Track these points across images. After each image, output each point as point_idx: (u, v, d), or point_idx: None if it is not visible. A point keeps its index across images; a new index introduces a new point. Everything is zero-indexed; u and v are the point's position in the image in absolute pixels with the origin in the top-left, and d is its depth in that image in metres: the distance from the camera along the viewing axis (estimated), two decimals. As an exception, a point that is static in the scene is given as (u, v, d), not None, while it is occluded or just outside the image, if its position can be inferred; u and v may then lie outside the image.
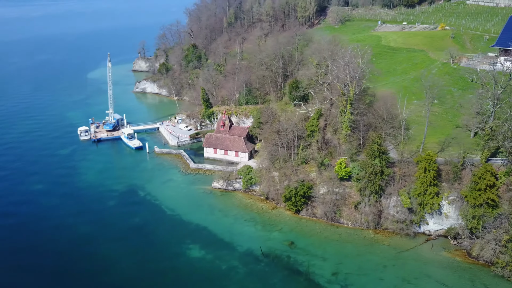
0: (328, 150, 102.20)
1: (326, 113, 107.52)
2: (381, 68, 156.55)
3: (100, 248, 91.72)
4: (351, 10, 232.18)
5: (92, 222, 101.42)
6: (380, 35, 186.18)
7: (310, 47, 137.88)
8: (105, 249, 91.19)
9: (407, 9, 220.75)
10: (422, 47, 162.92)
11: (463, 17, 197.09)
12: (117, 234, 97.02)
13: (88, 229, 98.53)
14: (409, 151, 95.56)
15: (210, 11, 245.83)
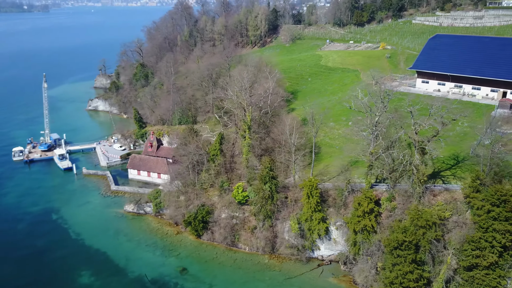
0: (229, 175, 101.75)
1: (234, 137, 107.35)
2: (315, 88, 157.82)
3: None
4: (303, 29, 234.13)
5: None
6: (322, 54, 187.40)
7: (233, 70, 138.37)
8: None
9: (357, 27, 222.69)
10: (357, 67, 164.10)
11: (406, 36, 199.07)
12: (13, 257, 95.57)
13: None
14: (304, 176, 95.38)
15: (167, 29, 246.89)
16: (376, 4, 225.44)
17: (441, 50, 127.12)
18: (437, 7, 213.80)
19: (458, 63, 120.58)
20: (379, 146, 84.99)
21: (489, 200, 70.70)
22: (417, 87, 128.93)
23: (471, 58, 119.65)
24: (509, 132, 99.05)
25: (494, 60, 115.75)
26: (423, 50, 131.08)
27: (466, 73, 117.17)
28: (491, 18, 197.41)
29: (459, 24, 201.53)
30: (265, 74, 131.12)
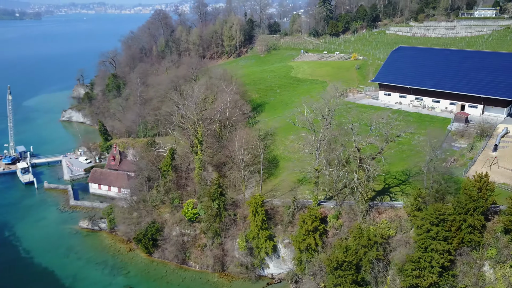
0: (182, 191, 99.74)
1: (187, 152, 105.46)
2: (282, 100, 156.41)
3: None
4: (279, 39, 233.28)
5: None
6: (294, 65, 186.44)
7: (197, 83, 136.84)
8: None
9: (332, 38, 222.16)
10: (325, 78, 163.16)
11: (379, 46, 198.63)
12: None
13: None
14: (255, 192, 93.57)
15: (144, 39, 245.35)
16: (351, 14, 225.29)
17: (403, 62, 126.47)
18: (411, 18, 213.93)
19: (419, 76, 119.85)
20: (322, 162, 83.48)
21: (428, 219, 69.21)
22: (379, 100, 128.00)
23: (432, 71, 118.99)
24: (463, 146, 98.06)
25: (453, 73, 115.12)
26: (386, 62, 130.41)
27: (426, 86, 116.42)
28: (462, 29, 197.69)
29: (432, 34, 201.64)
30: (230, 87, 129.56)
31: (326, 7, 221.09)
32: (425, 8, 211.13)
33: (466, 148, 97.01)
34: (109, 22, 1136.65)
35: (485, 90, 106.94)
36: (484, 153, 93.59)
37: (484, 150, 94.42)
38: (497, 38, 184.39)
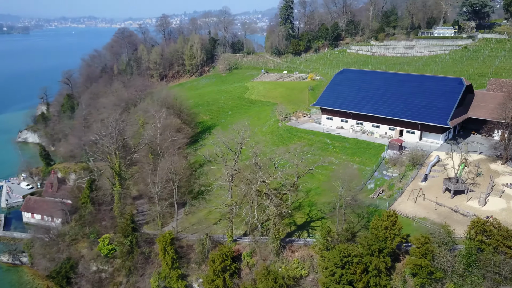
0: (101, 224, 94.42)
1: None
2: (232, 122, 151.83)
3: None
4: (242, 57, 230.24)
5: None
6: (251, 85, 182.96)
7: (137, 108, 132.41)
8: None
9: (294, 56, 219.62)
10: (278, 100, 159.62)
11: (338, 66, 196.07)
12: None
13: None
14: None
15: (107, 57, 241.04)
16: (313, 33, 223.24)
17: (345, 85, 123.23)
18: (372, 37, 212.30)
19: (358, 100, 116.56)
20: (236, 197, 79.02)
21: (333, 260, 64.81)
22: (322, 124, 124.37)
23: (370, 94, 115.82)
24: (394, 175, 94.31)
25: (391, 97, 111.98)
26: (328, 85, 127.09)
27: (364, 111, 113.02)
28: (421, 48, 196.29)
29: (391, 53, 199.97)
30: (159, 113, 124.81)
31: (287, 26, 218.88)
32: (386, 27, 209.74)
33: (397, 177, 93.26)
34: (97, 36, 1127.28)
35: (421, 116, 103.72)
36: (414, 183, 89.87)
37: (414, 180, 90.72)
38: (454, 57, 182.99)
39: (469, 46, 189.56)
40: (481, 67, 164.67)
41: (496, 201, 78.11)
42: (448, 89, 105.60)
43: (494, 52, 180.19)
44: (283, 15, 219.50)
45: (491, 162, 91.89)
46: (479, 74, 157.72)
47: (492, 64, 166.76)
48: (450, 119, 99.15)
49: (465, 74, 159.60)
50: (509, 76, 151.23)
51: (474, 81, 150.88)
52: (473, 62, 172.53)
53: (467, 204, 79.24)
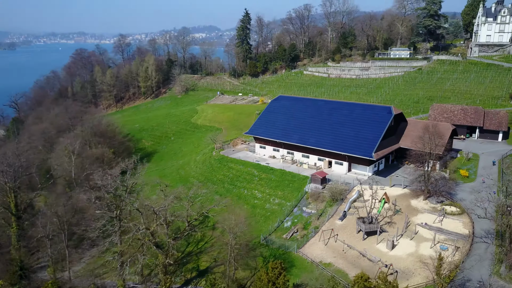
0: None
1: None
2: (173, 149, 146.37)
3: None
4: (200, 79, 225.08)
5: None
6: (200, 109, 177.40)
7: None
8: None
9: (251, 78, 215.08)
10: (224, 125, 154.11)
11: (293, 88, 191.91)
12: None
13: None
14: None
15: (63, 79, 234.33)
16: (270, 54, 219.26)
17: (278, 113, 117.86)
18: (329, 58, 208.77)
19: (289, 129, 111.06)
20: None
21: (211, 320, 58.11)
22: (256, 153, 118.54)
23: (302, 123, 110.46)
24: (313, 212, 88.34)
25: (320, 126, 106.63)
26: (263, 113, 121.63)
27: (293, 141, 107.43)
28: (376, 70, 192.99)
29: (347, 75, 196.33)
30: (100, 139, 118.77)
31: (244, 47, 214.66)
32: (343, 48, 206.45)
33: (316, 214, 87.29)
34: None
35: (347, 147, 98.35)
36: (331, 221, 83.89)
37: (332, 218, 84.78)
38: (407, 79, 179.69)
39: (424, 68, 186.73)
40: (432, 90, 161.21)
41: (406, 244, 72.30)
42: (376, 118, 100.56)
43: (447, 74, 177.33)
44: (240, 36, 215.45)
45: (414, 198, 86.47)
46: (428, 97, 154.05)
47: (443, 87, 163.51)
48: (375, 151, 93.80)
49: (414, 97, 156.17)
50: (456, 100, 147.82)
51: (422, 104, 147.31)
52: (425, 85, 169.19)
53: (376, 247, 73.32)
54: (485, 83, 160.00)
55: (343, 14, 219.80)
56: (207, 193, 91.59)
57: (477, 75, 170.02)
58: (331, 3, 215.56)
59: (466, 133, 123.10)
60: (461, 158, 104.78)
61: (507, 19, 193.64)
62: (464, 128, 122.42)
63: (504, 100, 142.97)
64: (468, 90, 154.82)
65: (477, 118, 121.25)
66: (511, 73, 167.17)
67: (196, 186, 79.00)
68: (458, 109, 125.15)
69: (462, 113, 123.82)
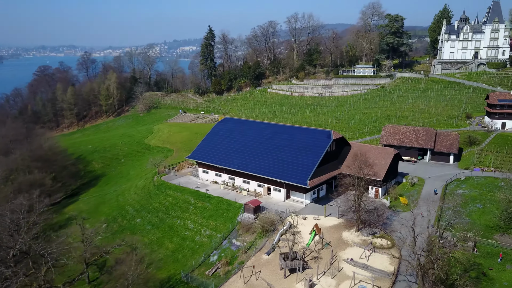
0: None
1: None
2: (121, 172, 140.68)
3: None
4: (164, 96, 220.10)
5: None
6: (157, 128, 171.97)
7: None
8: None
9: (216, 96, 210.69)
10: (177, 146, 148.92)
11: (254, 106, 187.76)
12: None
13: None
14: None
15: (25, 96, 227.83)
16: (235, 71, 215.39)
17: (222, 136, 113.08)
18: (293, 75, 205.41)
19: (231, 153, 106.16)
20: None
21: None
22: (199, 177, 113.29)
23: (243, 147, 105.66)
24: (242, 245, 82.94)
25: (260, 151, 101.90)
26: (207, 136, 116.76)
27: (233, 166, 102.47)
28: (339, 87, 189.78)
29: (310, 93, 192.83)
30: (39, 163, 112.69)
31: (208, 64, 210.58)
32: (307, 65, 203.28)
33: (244, 247, 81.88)
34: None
35: (283, 173, 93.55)
36: (258, 255, 78.51)
37: (259, 251, 79.43)
38: (369, 98, 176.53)
39: (386, 86, 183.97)
40: (391, 109, 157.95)
41: (326, 283, 67.11)
42: (315, 143, 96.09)
43: (408, 92, 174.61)
44: (204, 53, 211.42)
45: (346, 229, 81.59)
46: (387, 116, 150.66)
47: (402, 105, 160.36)
48: (310, 178, 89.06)
49: (373, 116, 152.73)
50: (414, 119, 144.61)
51: (380, 124, 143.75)
52: (385, 103, 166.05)
53: (296, 286, 68.07)
54: (444, 102, 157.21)
55: (308, 30, 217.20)
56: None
57: (437, 93, 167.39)
58: (296, 20, 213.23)
59: (418, 155, 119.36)
60: (406, 183, 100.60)
61: (469, 37, 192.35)
62: (416, 150, 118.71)
63: (460, 120, 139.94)
64: (427, 109, 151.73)
65: (428, 140, 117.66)
66: (471, 91, 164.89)
67: (101, 223, 73.28)
68: (410, 131, 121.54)
69: (414, 134, 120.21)
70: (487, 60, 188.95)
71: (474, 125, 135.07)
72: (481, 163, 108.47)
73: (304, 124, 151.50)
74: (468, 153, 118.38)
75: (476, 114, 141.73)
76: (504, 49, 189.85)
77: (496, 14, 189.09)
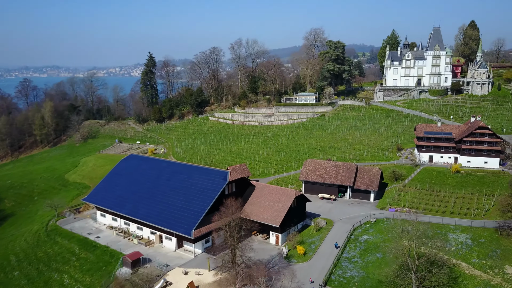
0: None
1: None
2: (28, 212, 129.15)
3: None
4: (104, 125, 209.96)
5: None
6: (83, 161, 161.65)
7: None
8: None
9: (157, 124, 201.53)
10: (95, 182, 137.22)
11: (192, 136, 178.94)
12: None
13: None
14: None
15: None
16: (176, 99, 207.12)
17: (122, 176, 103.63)
18: (236, 103, 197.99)
19: (127, 196, 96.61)
20: None
21: None
22: (98, 221, 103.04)
23: (139, 189, 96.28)
24: (110, 307, 72.53)
25: (154, 195, 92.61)
26: (108, 175, 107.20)
27: (124, 211, 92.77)
28: (280, 116, 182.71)
29: (250, 121, 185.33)
30: None
31: (148, 91, 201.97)
32: (250, 93, 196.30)
33: (112, 309, 71.65)
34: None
35: (173, 220, 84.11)
36: (124, 320, 68.40)
37: (127, 316, 69.32)
38: (307, 127, 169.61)
39: (327, 114, 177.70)
40: (325, 139, 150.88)
41: None
42: (210, 185, 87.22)
43: (347, 121, 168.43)
44: (144, 80, 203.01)
45: (227, 286, 72.18)
46: (319, 148, 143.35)
47: (338, 135, 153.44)
48: (197, 227, 79.83)
49: (305, 148, 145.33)
50: (345, 151, 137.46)
51: (310, 156, 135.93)
52: (321, 133, 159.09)
53: None
54: (379, 132, 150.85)
55: (253, 57, 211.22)
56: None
57: (374, 123, 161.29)
58: (240, 45, 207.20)
59: (339, 192, 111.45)
60: (312, 227, 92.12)
61: (411, 63, 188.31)
62: (336, 187, 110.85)
63: (391, 152, 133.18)
64: (361, 140, 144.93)
65: (348, 176, 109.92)
66: (408, 120, 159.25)
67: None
68: (330, 166, 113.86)
69: (335, 170, 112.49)
70: (429, 87, 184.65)
71: (404, 158, 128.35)
72: (399, 202, 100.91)
73: (235, 156, 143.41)
74: (391, 189, 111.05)
75: (408, 145, 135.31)
76: (447, 76, 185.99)
77: (436, 40, 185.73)
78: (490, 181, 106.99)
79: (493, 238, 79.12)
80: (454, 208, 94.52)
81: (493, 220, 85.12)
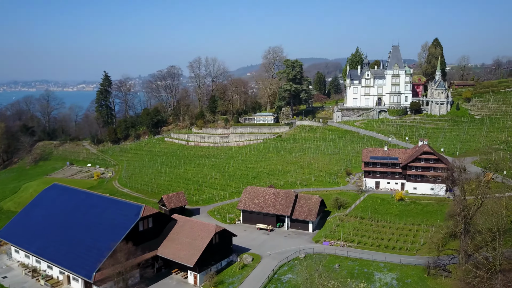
0: None
1: None
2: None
3: None
4: (58, 146, 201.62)
5: None
6: (25, 186, 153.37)
7: None
8: None
9: (112, 145, 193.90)
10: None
11: (144, 157, 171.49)
12: None
13: None
14: None
15: None
16: (132, 119, 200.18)
17: (41, 208, 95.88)
18: (194, 123, 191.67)
19: (39, 231, 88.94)
20: None
21: None
22: (13, 257, 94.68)
23: (51, 224, 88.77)
24: None
25: (67, 230, 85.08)
26: (27, 206, 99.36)
27: (32, 250, 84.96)
28: (236, 137, 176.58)
29: (206, 142, 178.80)
30: None
31: (103, 111, 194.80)
32: (208, 113, 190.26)
33: None
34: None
35: (79, 260, 76.55)
36: None
37: None
38: (262, 148, 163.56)
39: (284, 135, 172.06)
40: (277, 162, 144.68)
41: None
42: (122, 221, 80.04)
43: (302, 142, 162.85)
44: (99, 100, 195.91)
45: None
46: (268, 171, 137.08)
47: (290, 158, 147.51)
48: (100, 269, 72.33)
49: (255, 171, 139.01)
50: (295, 174, 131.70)
51: (259, 180, 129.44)
52: (275, 155, 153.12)
53: None
54: (332, 154, 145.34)
55: (212, 76, 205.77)
56: None
57: (329, 144, 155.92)
58: (199, 64, 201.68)
59: (278, 221, 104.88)
60: (236, 264, 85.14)
61: (371, 82, 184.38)
62: (274, 216, 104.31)
63: (340, 177, 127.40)
64: (311, 163, 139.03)
65: (286, 205, 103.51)
66: (362, 142, 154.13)
67: None
68: (269, 194, 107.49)
69: (273, 198, 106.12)
70: (390, 106, 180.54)
71: (352, 184, 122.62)
72: (335, 234, 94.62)
73: (181, 181, 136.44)
74: (332, 218, 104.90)
75: (358, 170, 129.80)
76: (407, 95, 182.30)
77: (396, 59, 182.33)
78: (434, 209, 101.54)
79: (420, 278, 73.02)
80: (390, 242, 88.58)
81: (425, 256, 79.20)
